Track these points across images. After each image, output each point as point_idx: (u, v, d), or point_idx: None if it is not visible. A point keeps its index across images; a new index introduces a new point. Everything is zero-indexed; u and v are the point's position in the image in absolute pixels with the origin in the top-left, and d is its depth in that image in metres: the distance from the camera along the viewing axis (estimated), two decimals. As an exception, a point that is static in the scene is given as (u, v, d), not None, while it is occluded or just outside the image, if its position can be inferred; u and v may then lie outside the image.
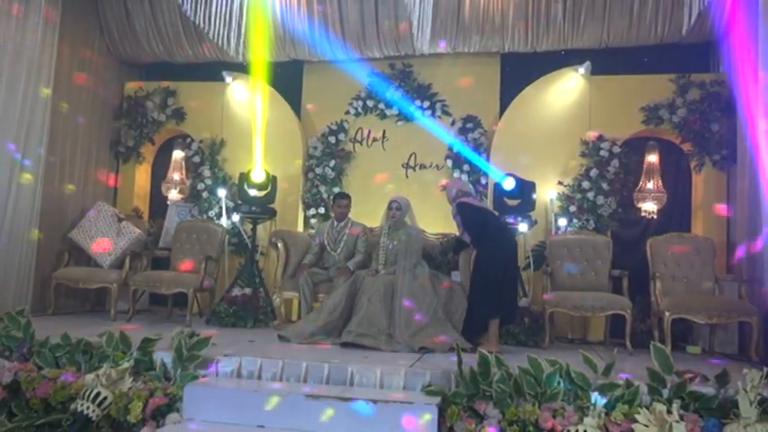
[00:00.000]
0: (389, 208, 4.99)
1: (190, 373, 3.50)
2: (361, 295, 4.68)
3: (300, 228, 6.36)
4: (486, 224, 4.49)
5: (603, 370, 3.28)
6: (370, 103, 6.42)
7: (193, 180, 6.54)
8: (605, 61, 5.90)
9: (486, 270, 4.30)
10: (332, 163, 6.37)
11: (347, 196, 5.46)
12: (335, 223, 5.41)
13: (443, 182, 5.00)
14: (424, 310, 4.58)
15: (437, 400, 3.15)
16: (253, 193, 5.94)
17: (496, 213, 5.07)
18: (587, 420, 2.95)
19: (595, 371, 3.27)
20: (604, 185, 5.77)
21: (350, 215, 5.46)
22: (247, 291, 5.52)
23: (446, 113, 6.32)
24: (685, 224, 5.77)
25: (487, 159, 6.04)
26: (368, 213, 5.84)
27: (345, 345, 4.32)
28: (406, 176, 6.32)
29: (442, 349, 4.26)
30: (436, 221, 5.74)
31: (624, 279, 5.10)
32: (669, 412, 2.93)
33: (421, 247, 5.04)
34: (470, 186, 5.04)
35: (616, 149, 5.83)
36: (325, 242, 5.36)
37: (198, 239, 5.92)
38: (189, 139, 6.66)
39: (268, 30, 6.05)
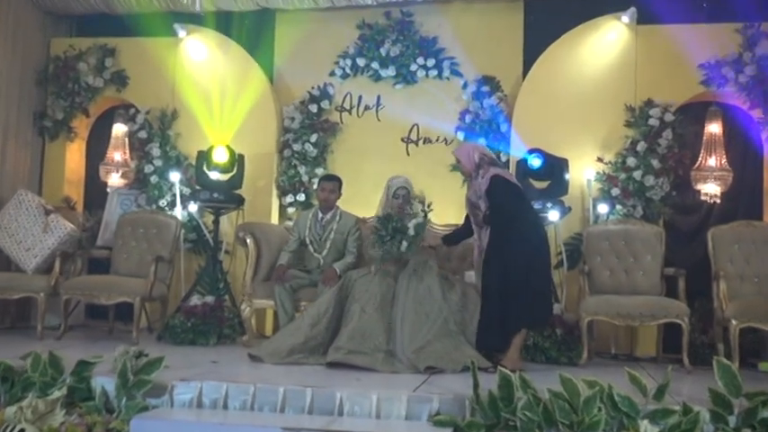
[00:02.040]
0: (395, 195, 4.98)
1: (137, 402, 3.49)
2: (353, 302, 4.70)
3: (275, 219, 6.38)
4: (521, 209, 4.48)
5: (655, 393, 3.29)
6: (360, 62, 6.42)
7: (139, 161, 6.53)
8: (655, 7, 5.90)
9: (515, 267, 4.31)
10: (313, 137, 6.37)
11: (335, 179, 5.43)
12: (320, 214, 5.40)
13: (458, 148, 4.91)
14: (431, 320, 4.60)
15: (448, 431, 3.14)
16: (214, 176, 5.95)
17: None
18: (635, 455, 2.97)
19: (645, 394, 3.28)
20: (655, 162, 5.78)
21: (338, 203, 5.44)
22: (209, 299, 5.53)
23: (456, 74, 6.33)
24: (756, 210, 5.78)
25: (508, 131, 6.07)
26: (359, 200, 5.83)
27: (333, 365, 4.33)
28: (407, 153, 6.35)
29: (454, 368, 4.28)
30: (445, 209, 5.76)
31: (680, 279, 5.12)
32: (737, 444, 2.94)
33: (427, 243, 5.05)
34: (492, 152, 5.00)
35: (669, 117, 5.84)
36: (307, 238, 5.35)
37: (146, 236, 5.92)
38: (133, 110, 6.63)
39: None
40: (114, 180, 6.50)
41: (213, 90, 6.30)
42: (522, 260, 4.34)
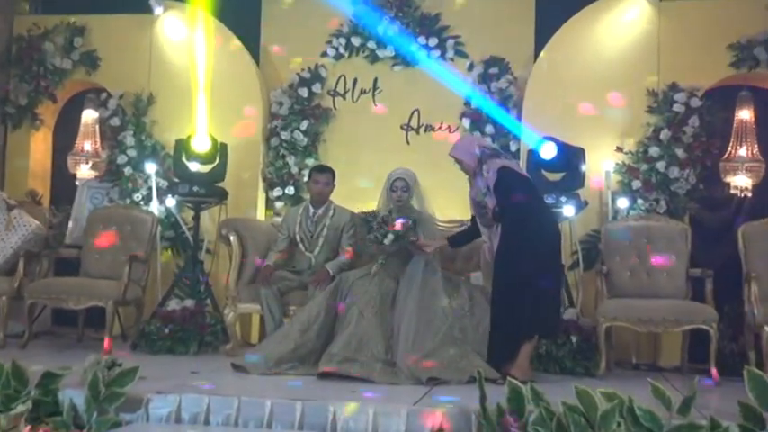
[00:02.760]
0: (392, 188, 4.99)
1: (109, 417, 3.48)
2: (349, 306, 4.70)
3: (261, 215, 6.39)
4: (533, 203, 4.48)
5: (680, 406, 3.28)
6: (355, 42, 6.43)
7: (112, 151, 6.53)
8: (680, -20, 5.94)
9: (529, 269, 4.31)
10: (304, 124, 6.37)
11: (329, 170, 5.43)
12: (311, 210, 5.39)
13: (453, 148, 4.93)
14: (435, 326, 4.60)
15: (452, 449, 3.16)
16: (194, 167, 5.96)
17: None
18: (658, 475, 2.97)
19: (669, 407, 3.27)
20: (680, 152, 5.78)
21: (332, 197, 5.44)
22: (189, 303, 5.53)
23: (461, 55, 6.34)
24: (792, 205, 5.80)
25: (518, 118, 6.07)
26: (353, 194, 5.83)
27: (326, 375, 4.33)
28: (407, 142, 6.37)
29: (459, 379, 4.29)
30: (450, 204, 5.78)
31: (707, 281, 5.11)
32: (770, 462, 2.95)
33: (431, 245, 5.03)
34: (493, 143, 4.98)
35: (695, 103, 5.84)
36: (297, 236, 5.35)
37: (119, 233, 5.92)
38: (104, 95, 6.62)
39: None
40: (84, 172, 6.49)
41: (193, 72, 6.26)
42: (537, 261, 4.34)
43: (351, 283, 4.81)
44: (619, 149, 5.90)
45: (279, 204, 6.37)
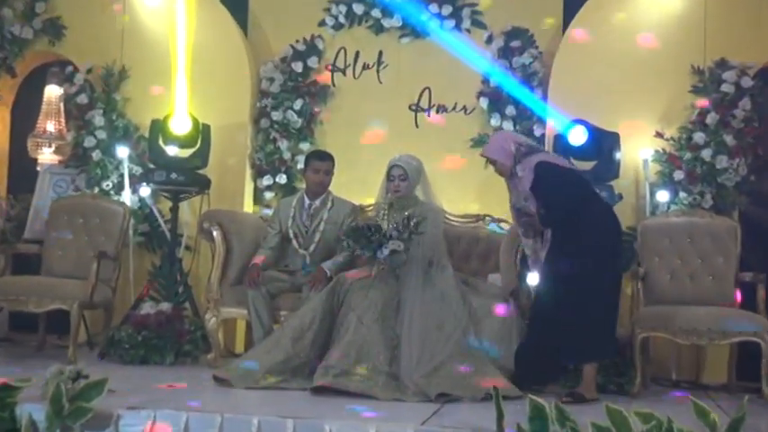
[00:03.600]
0: (389, 177, 4.99)
1: (74, 436, 3.47)
2: (347, 311, 4.70)
3: (249, 207, 6.41)
4: (583, 200, 4.45)
5: (727, 429, 3.27)
6: (357, 9, 6.45)
7: (78, 133, 6.52)
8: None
9: (583, 285, 4.29)
10: (298, 104, 6.39)
11: (327, 157, 5.43)
12: (307, 201, 5.39)
13: (486, 147, 4.90)
14: (445, 335, 4.60)
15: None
16: (172, 151, 5.96)
17: None
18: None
19: (714, 430, 3.26)
20: (728, 139, 5.75)
21: (331, 187, 5.45)
22: (165, 307, 5.53)
23: (479, 25, 6.35)
24: None
25: (544, 98, 6.07)
26: (356, 185, 5.85)
27: (321, 390, 4.33)
28: (416, 125, 6.38)
29: (473, 396, 4.29)
30: (465, 196, 5.82)
31: (759, 287, 5.08)
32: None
33: (441, 238, 5.06)
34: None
35: (747, 82, 5.81)
36: (290, 231, 5.35)
37: (86, 226, 5.92)
38: (70, 68, 6.62)
39: None
40: (46, 156, 6.51)
41: (172, 44, 6.27)
42: (595, 273, 4.32)
43: (349, 286, 4.82)
44: (658, 135, 5.90)
45: (269, 195, 6.39)
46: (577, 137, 5.41)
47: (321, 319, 4.73)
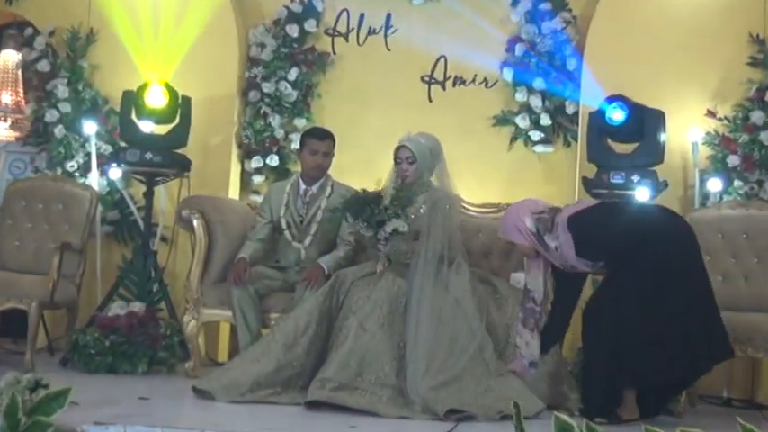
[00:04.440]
0: (396, 160, 4.98)
1: (32, 455, 3.45)
2: (348, 315, 4.68)
3: (235, 193, 6.41)
4: (629, 233, 4.42)
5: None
6: (362, -36, 6.48)
7: (39, 105, 6.52)
8: None
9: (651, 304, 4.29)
10: (293, 73, 6.38)
11: (327, 135, 5.37)
12: (302, 186, 5.37)
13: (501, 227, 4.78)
14: (459, 346, 4.57)
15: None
16: (147, 128, 5.96)
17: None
18: None
19: (769, 458, 3.26)
20: (792, 119, 5.78)
21: (330, 171, 5.42)
22: (137, 307, 5.52)
23: (503, -16, 6.31)
24: None
25: (578, 70, 6.08)
26: (359, 168, 5.86)
27: (315, 405, 4.34)
28: (429, 99, 6.38)
29: (488, 413, 4.29)
30: (484, 183, 5.81)
31: (825, 291, 5.10)
32: None
33: (456, 230, 5.04)
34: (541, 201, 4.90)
35: (814, 54, 5.84)
36: (283, 220, 5.33)
37: (46, 213, 5.92)
38: (30, 30, 6.60)
39: None
40: (1, 132, 6.54)
41: (147, 3, 6.26)
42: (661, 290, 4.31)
43: (350, 285, 4.80)
44: (710, 114, 5.89)
45: (258, 179, 6.40)
46: (616, 115, 5.40)
47: (318, 323, 4.71)
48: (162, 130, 5.97)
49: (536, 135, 6.14)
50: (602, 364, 4.36)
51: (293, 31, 6.39)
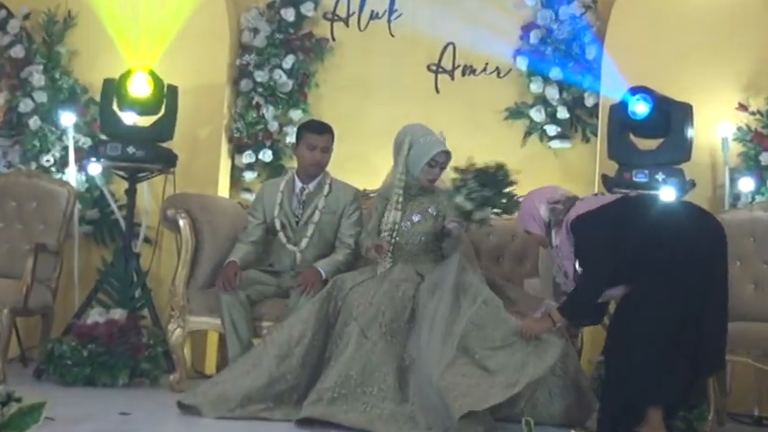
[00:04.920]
0: (431, 163, 4.93)
1: (3, 476, 3.45)
2: (348, 320, 4.67)
3: (224, 191, 6.44)
4: (651, 236, 4.36)
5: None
6: (364, -58, 6.49)
7: (12, 94, 6.53)
8: None
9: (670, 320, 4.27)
10: (288, 61, 6.41)
11: (325, 129, 5.35)
12: (298, 184, 5.36)
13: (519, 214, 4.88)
14: (471, 354, 4.51)
15: None
16: (130, 119, 5.97)
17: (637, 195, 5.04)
18: None
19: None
20: (830, 114, 5.78)
21: (329, 167, 5.39)
22: (118, 314, 5.51)
23: (517, -35, 6.30)
24: None
25: (598, 58, 6.09)
26: (358, 165, 5.89)
27: (309, 423, 4.34)
28: (437, 90, 6.40)
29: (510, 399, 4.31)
30: None
31: None
32: None
33: (463, 232, 5.03)
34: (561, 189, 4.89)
35: None
36: (277, 221, 5.31)
37: (20, 212, 5.94)
38: (3, 13, 6.59)
39: None
40: (-31, 123, 6.48)
41: (130, -16, 6.30)
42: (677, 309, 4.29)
43: (348, 290, 4.78)
44: (742, 107, 5.87)
45: (250, 175, 6.42)
46: (640, 108, 5.41)
47: (313, 332, 4.69)
48: (146, 121, 5.97)
49: (552, 129, 6.15)
50: (626, 380, 4.34)
51: (289, 15, 6.40)
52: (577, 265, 4.43)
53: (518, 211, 4.72)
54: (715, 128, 5.84)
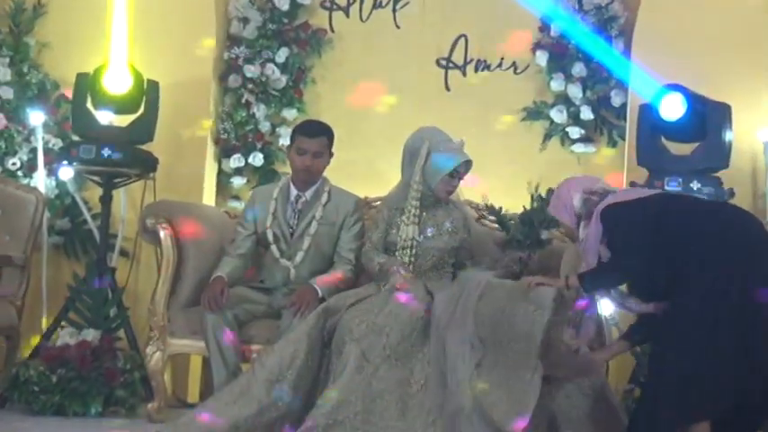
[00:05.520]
0: (453, 173, 4.95)
1: None
2: (345, 339, 4.63)
3: (210, 198, 6.47)
4: (692, 232, 4.32)
5: None
6: None
7: (-27, 90, 6.53)
8: None
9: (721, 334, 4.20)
10: (282, 54, 6.44)
11: (321, 131, 5.32)
12: (293, 192, 5.34)
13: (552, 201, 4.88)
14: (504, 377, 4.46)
15: None
16: (105, 119, 5.98)
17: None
18: None
19: None
20: None
21: (326, 173, 5.38)
22: (91, 336, 5.51)
23: (536, -50, 6.38)
24: None
25: (626, 53, 6.12)
26: (360, 170, 5.95)
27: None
28: (447, 87, 6.46)
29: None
30: (512, 189, 5.70)
31: None
32: None
33: (471, 245, 5.16)
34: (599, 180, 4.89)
35: None
36: (269, 233, 5.29)
37: (-17, 220, 5.87)
38: (-37, 0, 6.63)
39: None
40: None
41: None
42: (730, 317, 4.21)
43: (347, 309, 4.76)
44: (786, 108, 5.90)
45: (239, 181, 6.45)
46: (672, 109, 5.42)
47: (306, 354, 4.64)
48: (123, 121, 5.96)
49: (575, 132, 6.16)
50: (672, 394, 4.28)
51: (283, 3, 6.41)
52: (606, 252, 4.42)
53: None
54: (755, 131, 5.86)
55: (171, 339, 5.30)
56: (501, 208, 5.40)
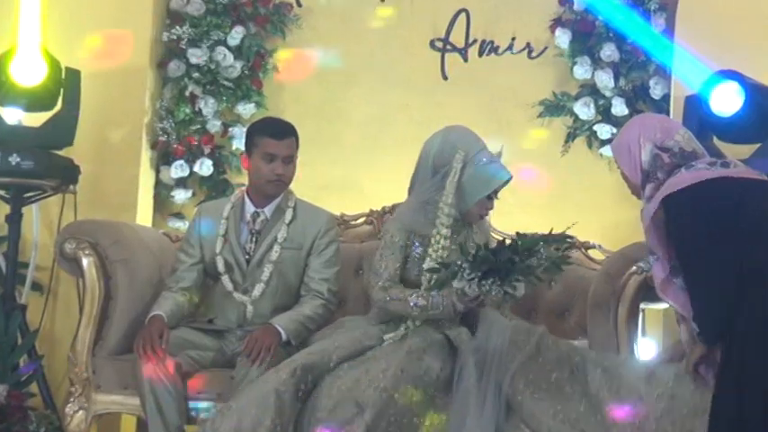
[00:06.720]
0: (490, 195, 5.00)
1: None
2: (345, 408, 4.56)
3: (146, 217, 6.54)
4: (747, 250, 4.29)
5: None
6: None
7: None
8: None
9: None
10: (236, 35, 6.51)
11: (288, 131, 5.36)
12: (251, 208, 5.35)
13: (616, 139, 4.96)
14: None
15: None
16: (12, 117, 6.06)
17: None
18: None
19: None
20: None
21: (292, 186, 5.39)
22: (-5, 391, 5.46)
23: None
24: None
25: (667, 33, 6.19)
26: (337, 179, 6.04)
27: None
28: (443, 75, 6.55)
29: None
30: (527, 203, 5.91)
31: None
32: None
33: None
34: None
35: None
36: (220, 261, 5.30)
37: None
38: None
39: None
40: None
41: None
42: None
43: (334, 365, 4.68)
44: None
45: (182, 195, 6.50)
46: (726, 101, 5.47)
47: (273, 418, 4.51)
48: (36, 120, 5.99)
49: (605, 131, 6.19)
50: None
51: (237, -28, 6.49)
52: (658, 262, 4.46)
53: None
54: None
55: (96, 395, 5.24)
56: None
